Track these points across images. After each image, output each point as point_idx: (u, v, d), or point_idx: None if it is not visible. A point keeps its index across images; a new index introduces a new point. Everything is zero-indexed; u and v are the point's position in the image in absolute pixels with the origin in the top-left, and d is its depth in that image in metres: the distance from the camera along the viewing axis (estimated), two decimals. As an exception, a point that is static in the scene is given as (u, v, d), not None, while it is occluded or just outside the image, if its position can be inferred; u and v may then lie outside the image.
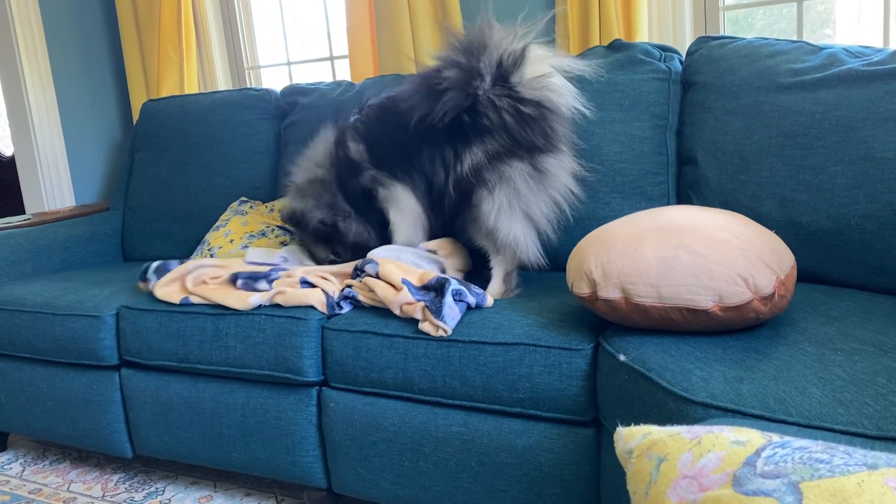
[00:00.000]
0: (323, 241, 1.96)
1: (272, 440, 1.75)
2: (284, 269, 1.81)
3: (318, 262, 2.01)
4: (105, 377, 1.97)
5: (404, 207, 1.80)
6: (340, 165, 1.91)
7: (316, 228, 1.92)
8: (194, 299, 1.79)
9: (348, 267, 1.80)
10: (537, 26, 1.68)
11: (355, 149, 1.87)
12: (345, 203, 1.91)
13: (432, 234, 1.84)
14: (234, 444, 1.80)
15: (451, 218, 1.75)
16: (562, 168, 1.65)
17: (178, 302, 1.81)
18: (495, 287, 1.68)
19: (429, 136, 1.71)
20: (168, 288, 1.85)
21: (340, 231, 1.91)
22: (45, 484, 2.12)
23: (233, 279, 1.78)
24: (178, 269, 1.87)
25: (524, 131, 1.60)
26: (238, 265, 1.88)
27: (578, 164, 1.71)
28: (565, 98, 1.66)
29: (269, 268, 1.83)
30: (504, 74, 1.63)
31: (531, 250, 1.65)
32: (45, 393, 2.08)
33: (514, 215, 1.62)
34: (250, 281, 1.76)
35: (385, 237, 1.87)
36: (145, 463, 2.20)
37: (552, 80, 1.65)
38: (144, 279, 1.90)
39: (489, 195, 1.62)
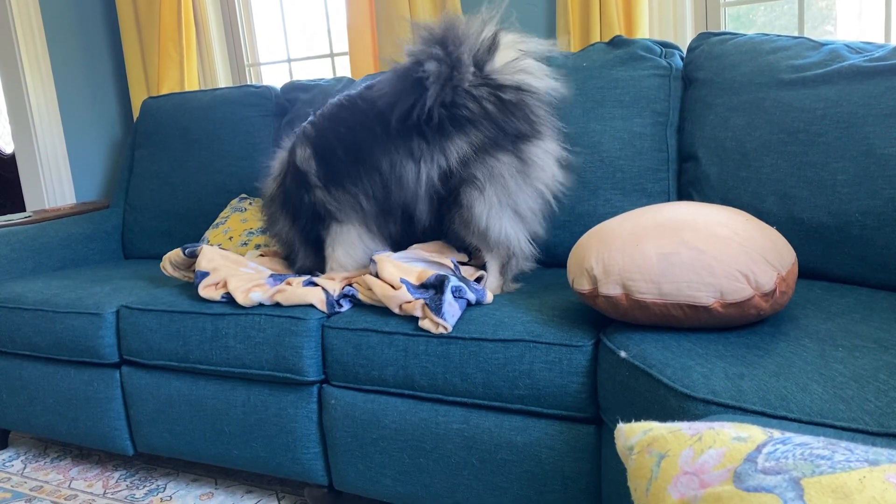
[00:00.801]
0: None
1: (273, 437, 1.75)
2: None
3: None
4: (106, 375, 1.97)
5: (346, 241, 1.79)
6: (288, 176, 1.83)
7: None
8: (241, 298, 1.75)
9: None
10: (500, 11, 1.66)
11: (302, 155, 1.78)
12: (291, 231, 1.86)
13: (393, 241, 1.82)
14: (235, 441, 1.80)
15: (437, 213, 1.71)
16: (547, 156, 1.64)
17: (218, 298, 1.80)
18: (493, 281, 1.67)
19: (396, 132, 1.66)
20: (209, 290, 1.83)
21: (296, 265, 1.90)
22: (46, 481, 2.12)
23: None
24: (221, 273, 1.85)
25: (508, 118, 1.58)
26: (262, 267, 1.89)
27: (563, 149, 1.70)
28: (542, 80, 1.64)
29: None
30: (479, 63, 1.61)
31: (523, 244, 1.66)
32: (45, 390, 2.08)
33: (505, 213, 1.62)
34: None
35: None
36: (146, 460, 2.20)
37: (526, 62, 1.63)
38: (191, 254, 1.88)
39: (480, 196, 1.60)
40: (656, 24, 2.19)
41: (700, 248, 1.19)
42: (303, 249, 1.86)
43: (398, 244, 1.82)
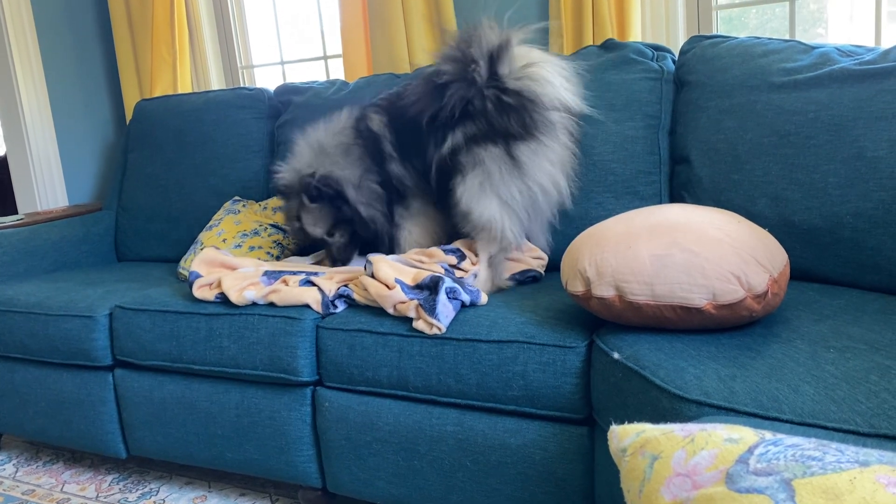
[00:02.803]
0: (330, 214, 1.87)
1: (267, 440, 1.75)
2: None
3: (303, 238, 1.95)
4: (98, 377, 1.97)
5: (423, 220, 1.87)
6: (364, 138, 1.88)
7: (360, 188, 1.84)
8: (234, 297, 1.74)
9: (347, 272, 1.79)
10: (526, 26, 1.74)
11: (378, 120, 1.87)
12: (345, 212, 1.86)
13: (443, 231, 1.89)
14: (229, 444, 1.80)
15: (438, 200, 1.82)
16: (543, 157, 1.67)
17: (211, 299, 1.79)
18: (482, 272, 1.69)
19: (432, 129, 1.74)
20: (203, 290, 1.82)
21: (367, 208, 1.86)
22: (38, 485, 2.11)
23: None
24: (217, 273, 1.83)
25: (501, 118, 1.64)
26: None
27: (570, 154, 1.74)
28: (549, 89, 1.69)
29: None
30: (493, 64, 1.67)
31: (507, 231, 1.67)
32: (38, 394, 2.07)
33: (486, 196, 1.66)
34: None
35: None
36: (139, 463, 2.20)
37: (535, 70, 1.68)
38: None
39: (462, 179, 1.67)
40: (648, 27, 2.20)
41: (692, 250, 1.19)
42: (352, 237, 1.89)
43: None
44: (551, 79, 1.69)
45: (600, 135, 1.89)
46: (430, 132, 1.73)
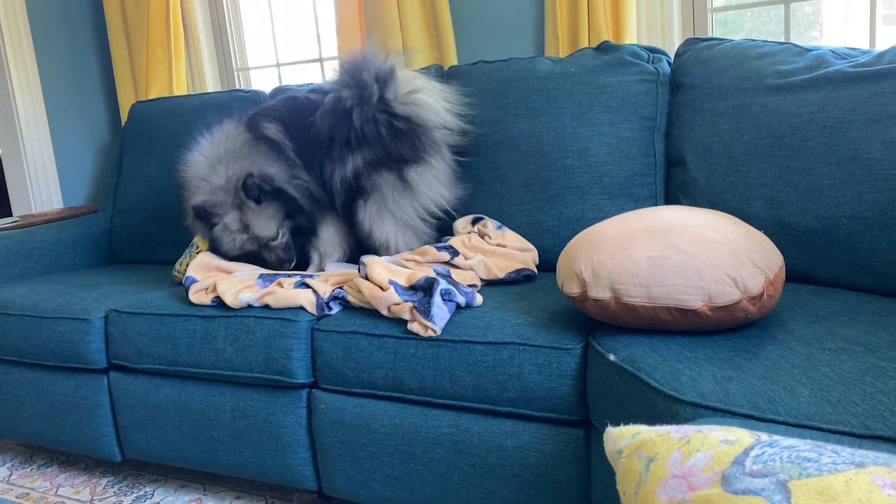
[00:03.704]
0: (278, 211, 1.87)
1: (262, 443, 1.74)
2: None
3: (255, 247, 1.90)
4: (93, 380, 1.96)
5: (330, 226, 1.96)
6: (266, 143, 1.90)
7: (290, 188, 1.87)
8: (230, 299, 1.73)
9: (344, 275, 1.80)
10: (407, 53, 1.96)
11: (274, 129, 1.92)
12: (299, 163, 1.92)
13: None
14: (224, 446, 1.80)
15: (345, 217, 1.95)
16: (430, 176, 1.87)
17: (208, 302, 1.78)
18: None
19: (332, 147, 1.89)
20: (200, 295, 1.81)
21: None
22: (32, 488, 2.10)
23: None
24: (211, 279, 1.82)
25: (395, 143, 1.82)
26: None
27: (451, 170, 1.93)
28: (432, 114, 1.88)
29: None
30: (381, 88, 1.83)
31: (402, 245, 1.89)
32: (32, 396, 2.07)
33: (383, 218, 1.86)
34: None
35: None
36: (134, 466, 2.19)
37: (420, 97, 1.87)
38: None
39: (364, 204, 1.86)
40: (644, 29, 2.20)
41: (688, 252, 1.19)
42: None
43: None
44: (434, 104, 1.89)
45: (595, 136, 1.89)
46: (329, 150, 1.87)
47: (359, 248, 1.97)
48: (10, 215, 4.21)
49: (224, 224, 1.86)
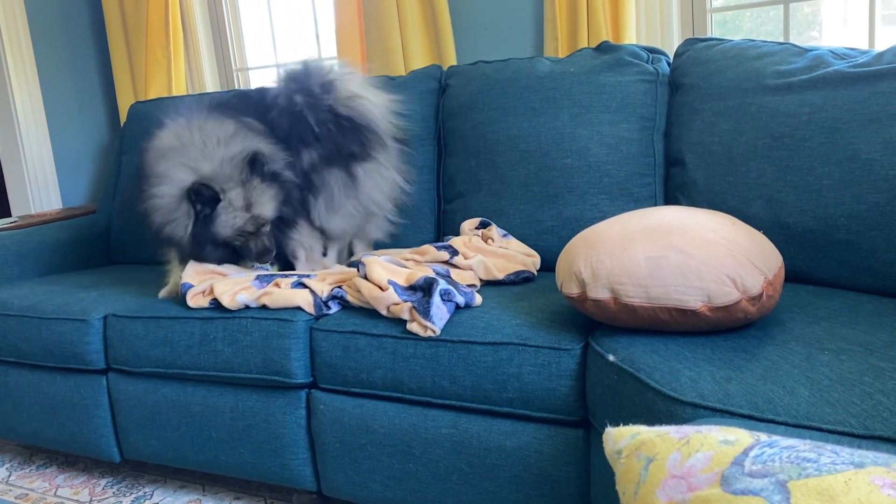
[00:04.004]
0: (278, 190, 1.86)
1: (261, 443, 1.74)
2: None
3: (253, 228, 1.86)
4: (92, 381, 1.96)
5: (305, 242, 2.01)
6: (247, 128, 1.93)
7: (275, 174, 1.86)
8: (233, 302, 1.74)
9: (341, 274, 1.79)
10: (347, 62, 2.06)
11: (250, 120, 1.96)
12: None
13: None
14: (223, 447, 1.80)
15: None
16: (376, 173, 1.97)
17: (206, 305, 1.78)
18: (332, 257, 2.05)
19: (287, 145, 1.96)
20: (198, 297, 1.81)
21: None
22: (31, 489, 2.10)
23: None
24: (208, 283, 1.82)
25: (345, 139, 1.92)
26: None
27: (397, 172, 2.04)
28: (375, 113, 1.98)
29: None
30: (325, 96, 1.95)
31: (348, 237, 2.06)
32: (31, 397, 2.06)
33: (333, 214, 1.96)
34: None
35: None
36: (133, 467, 2.19)
37: (361, 102, 1.97)
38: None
39: (315, 201, 1.95)
40: (643, 29, 2.20)
41: (688, 252, 1.19)
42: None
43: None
44: (372, 107, 1.99)
45: (595, 136, 1.89)
46: (287, 144, 1.94)
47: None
48: (9, 216, 4.21)
49: (229, 199, 1.79)
